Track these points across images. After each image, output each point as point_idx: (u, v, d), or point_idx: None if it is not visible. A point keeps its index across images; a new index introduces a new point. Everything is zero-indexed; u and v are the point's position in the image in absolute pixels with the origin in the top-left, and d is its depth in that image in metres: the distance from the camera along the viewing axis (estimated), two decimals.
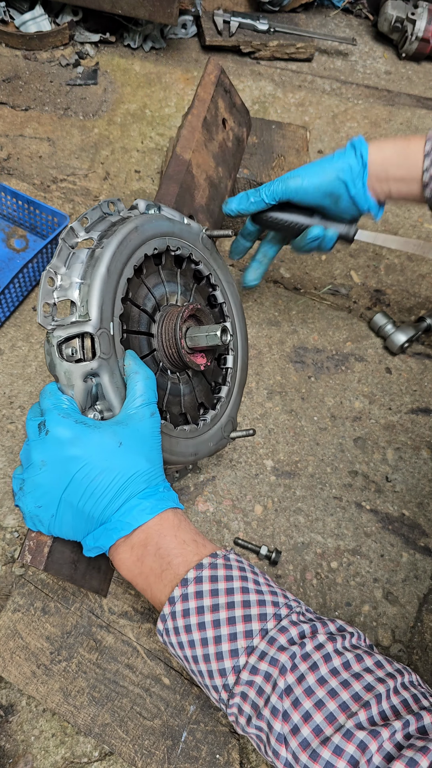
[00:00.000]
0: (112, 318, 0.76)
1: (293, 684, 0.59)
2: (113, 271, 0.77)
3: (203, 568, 0.68)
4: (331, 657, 0.61)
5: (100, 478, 0.69)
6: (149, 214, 0.88)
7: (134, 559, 0.71)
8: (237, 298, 1.04)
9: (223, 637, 0.65)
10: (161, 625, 0.68)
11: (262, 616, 0.65)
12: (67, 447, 0.69)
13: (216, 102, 1.25)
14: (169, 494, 0.74)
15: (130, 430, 0.72)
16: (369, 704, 0.57)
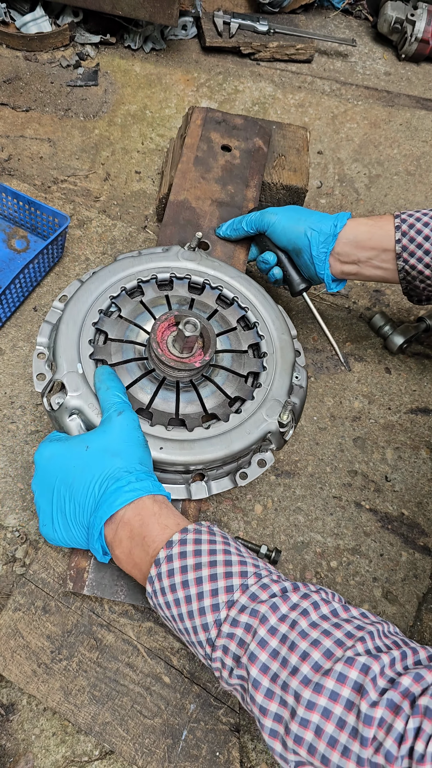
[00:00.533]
0: (79, 360, 0.90)
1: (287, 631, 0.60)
2: (71, 322, 0.94)
3: (188, 532, 0.71)
4: (319, 605, 0.62)
5: (74, 483, 0.75)
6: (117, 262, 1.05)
7: (126, 553, 0.73)
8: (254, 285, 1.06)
9: (205, 593, 0.66)
10: (149, 587, 0.70)
11: (243, 573, 0.67)
12: (46, 466, 0.78)
13: (208, 138, 1.34)
14: (142, 484, 0.74)
15: (96, 434, 0.79)
16: (364, 639, 0.58)
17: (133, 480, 0.74)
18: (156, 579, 0.69)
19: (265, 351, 0.97)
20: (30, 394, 1.16)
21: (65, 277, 1.33)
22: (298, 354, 1.02)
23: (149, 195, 1.55)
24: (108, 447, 0.76)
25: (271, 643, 0.60)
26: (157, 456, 0.85)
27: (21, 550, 1.00)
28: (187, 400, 0.94)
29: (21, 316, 1.26)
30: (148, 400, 0.93)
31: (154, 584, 0.69)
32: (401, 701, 0.52)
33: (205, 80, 1.88)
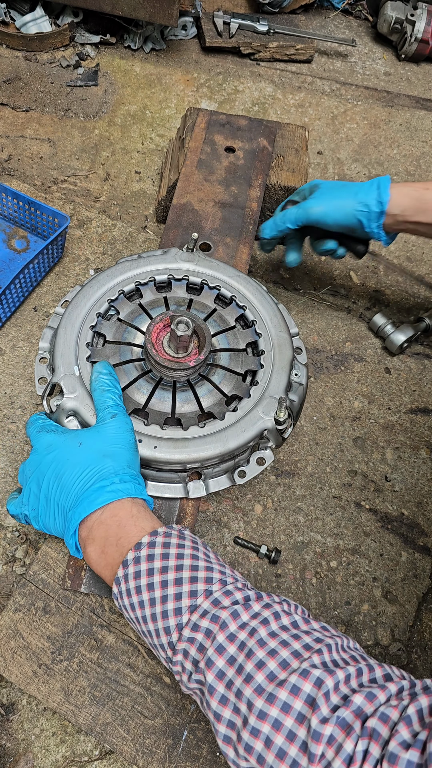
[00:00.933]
0: (76, 363, 0.92)
1: (245, 639, 0.60)
2: (70, 326, 0.96)
3: (158, 535, 0.71)
4: (280, 615, 0.62)
5: (64, 474, 0.76)
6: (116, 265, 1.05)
7: (98, 552, 0.73)
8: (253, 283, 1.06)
9: (170, 597, 0.66)
10: (116, 588, 0.70)
11: (208, 579, 0.67)
12: (43, 453, 0.79)
13: (212, 140, 1.35)
14: (125, 486, 0.75)
15: (90, 432, 0.80)
16: (321, 651, 0.58)
17: (116, 481, 0.75)
18: (123, 580, 0.69)
19: (263, 349, 0.97)
20: (30, 395, 1.16)
21: (65, 277, 1.33)
22: (299, 351, 1.02)
23: (149, 195, 1.55)
24: (99, 447, 0.78)
25: (229, 649, 0.60)
26: (152, 455, 0.85)
27: (21, 550, 1.00)
28: (183, 399, 0.94)
29: (21, 316, 1.26)
30: (145, 400, 0.93)
31: (120, 585, 0.69)
32: (353, 720, 0.52)
33: (205, 80, 1.88)
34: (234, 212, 1.23)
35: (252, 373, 0.98)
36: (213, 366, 0.98)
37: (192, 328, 0.89)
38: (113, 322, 1.01)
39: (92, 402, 0.88)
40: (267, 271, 1.43)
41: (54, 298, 1.30)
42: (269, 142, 1.37)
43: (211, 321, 1.03)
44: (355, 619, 0.99)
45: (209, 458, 0.87)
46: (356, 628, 0.99)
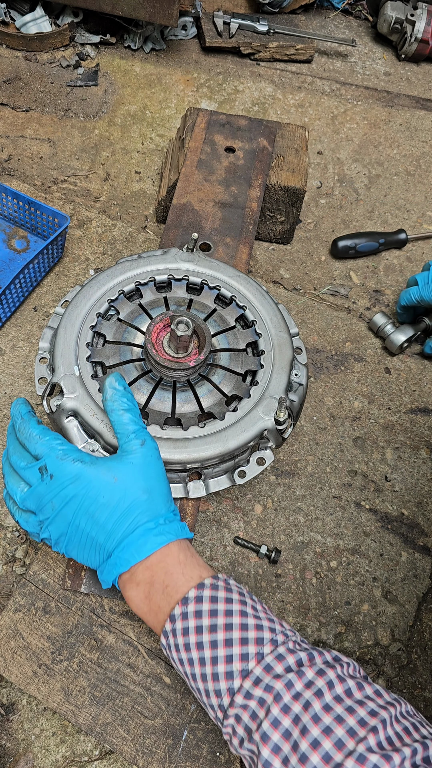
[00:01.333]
0: (76, 363, 0.92)
1: (300, 712, 0.59)
2: (70, 326, 0.96)
3: (204, 588, 0.69)
4: (334, 684, 0.61)
5: (100, 512, 0.73)
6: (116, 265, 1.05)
7: (142, 596, 0.72)
8: (253, 283, 1.06)
9: (219, 659, 0.65)
10: (164, 640, 0.70)
11: (258, 640, 0.66)
12: (69, 487, 0.73)
13: (212, 140, 1.35)
14: (170, 527, 0.74)
15: (123, 464, 0.75)
16: (376, 729, 0.56)
17: (161, 522, 0.74)
18: (171, 634, 0.69)
19: (263, 349, 0.97)
20: (30, 395, 1.16)
21: (65, 277, 1.33)
22: (299, 351, 1.02)
23: (149, 195, 1.55)
24: (136, 482, 0.74)
25: (284, 722, 0.59)
26: None
27: (21, 550, 1.00)
28: (183, 399, 0.94)
29: (21, 316, 1.26)
30: (145, 400, 0.93)
31: (168, 638, 0.69)
32: None
33: (205, 80, 1.88)
34: (234, 212, 1.23)
35: (252, 373, 0.98)
36: (213, 366, 0.98)
37: (192, 328, 0.89)
38: (113, 322, 1.01)
39: (92, 402, 0.88)
40: (267, 271, 1.43)
41: (54, 298, 1.30)
42: (269, 142, 1.37)
43: (211, 321, 1.03)
44: (355, 619, 0.99)
45: (209, 458, 0.87)
46: (356, 628, 0.99)
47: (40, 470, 0.75)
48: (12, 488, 0.77)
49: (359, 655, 0.97)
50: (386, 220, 1.57)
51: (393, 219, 1.57)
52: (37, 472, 0.75)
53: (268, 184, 1.34)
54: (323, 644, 0.97)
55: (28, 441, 0.77)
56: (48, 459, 0.75)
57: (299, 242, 1.50)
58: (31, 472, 0.76)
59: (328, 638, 0.97)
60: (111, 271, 1.04)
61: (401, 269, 1.46)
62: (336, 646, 0.97)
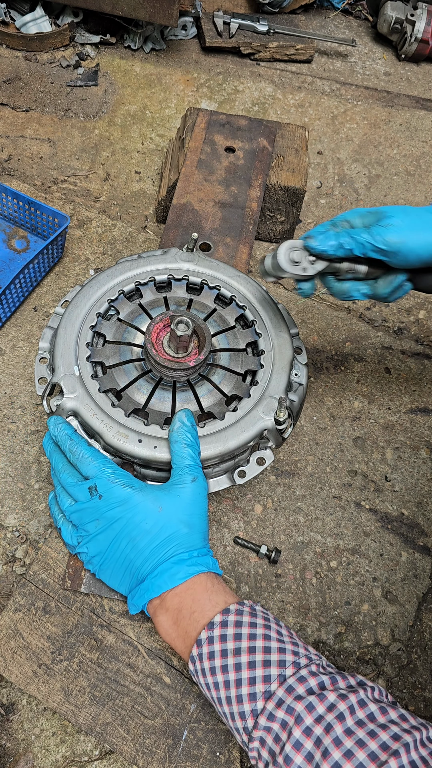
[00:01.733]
0: (76, 363, 0.92)
1: (321, 735, 0.59)
2: (69, 326, 0.96)
3: (230, 614, 0.71)
4: (356, 709, 0.61)
5: (141, 538, 0.76)
6: (116, 265, 1.05)
7: (170, 622, 0.75)
8: (253, 283, 1.06)
9: (243, 681, 0.66)
10: (191, 666, 0.72)
11: (281, 662, 0.66)
12: (116, 509, 0.77)
13: (212, 140, 1.35)
14: (203, 560, 0.77)
15: (170, 496, 0.79)
16: (398, 753, 0.56)
17: (195, 555, 0.77)
18: (197, 659, 0.71)
19: (263, 349, 0.97)
20: (30, 395, 1.16)
21: (65, 277, 1.33)
22: (299, 351, 1.02)
23: (149, 195, 1.55)
24: (180, 515, 0.78)
25: (306, 745, 0.60)
26: (152, 455, 0.85)
27: (21, 550, 1.00)
28: (183, 399, 0.94)
29: (21, 316, 1.26)
30: (144, 400, 0.93)
31: (195, 664, 0.71)
32: None
33: (205, 80, 1.88)
34: (234, 212, 1.23)
35: (252, 373, 0.98)
36: (213, 366, 0.98)
37: (192, 328, 0.89)
38: (113, 322, 1.01)
39: (92, 402, 0.88)
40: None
41: (54, 298, 1.30)
42: (269, 142, 1.37)
43: (211, 321, 1.03)
44: (355, 619, 0.99)
45: (209, 458, 0.87)
46: (356, 628, 0.99)
47: (89, 490, 0.80)
48: (63, 500, 0.83)
49: (359, 655, 0.97)
50: None
51: None
52: (87, 491, 0.80)
53: (268, 184, 1.34)
54: (323, 644, 0.97)
55: (81, 462, 0.82)
56: (99, 480, 0.79)
57: None
58: (80, 490, 0.80)
59: (328, 638, 0.97)
60: (111, 271, 1.03)
61: None
62: (336, 646, 0.97)
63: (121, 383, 0.94)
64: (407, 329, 1.35)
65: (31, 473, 1.07)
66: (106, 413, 0.88)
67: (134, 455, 0.86)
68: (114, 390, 0.94)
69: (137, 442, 0.86)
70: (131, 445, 0.86)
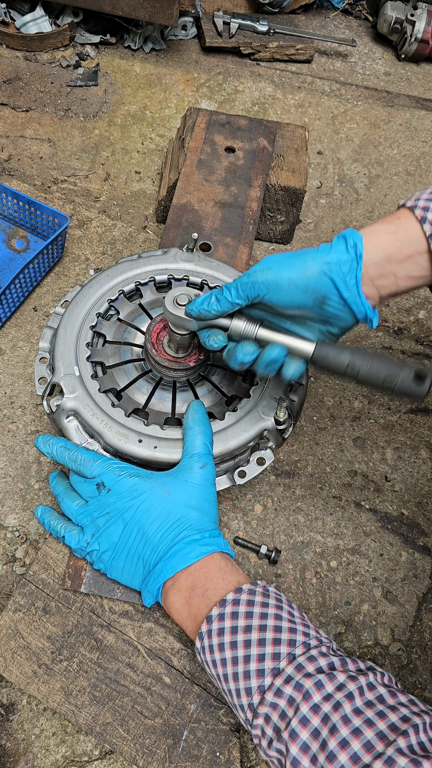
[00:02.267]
0: (76, 363, 0.92)
1: (329, 712, 0.59)
2: (70, 327, 0.95)
3: (242, 592, 0.71)
4: (365, 690, 0.60)
5: (151, 524, 0.77)
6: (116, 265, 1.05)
7: (183, 602, 0.74)
8: None
9: (252, 657, 0.66)
10: (198, 643, 0.71)
11: (291, 641, 0.66)
12: (125, 498, 0.78)
13: (212, 140, 1.36)
14: (215, 540, 0.77)
15: (178, 481, 0.80)
16: (407, 733, 0.55)
17: (207, 536, 0.77)
18: (206, 635, 0.70)
19: None
20: (30, 394, 1.16)
21: (65, 277, 1.33)
22: None
23: (149, 195, 1.55)
24: (189, 500, 0.78)
25: (313, 721, 0.59)
26: (152, 455, 0.85)
27: (21, 549, 1.00)
28: (183, 399, 0.94)
29: (21, 316, 1.26)
30: (145, 400, 0.93)
31: (203, 640, 0.70)
32: None
33: (205, 80, 1.88)
34: (234, 212, 1.23)
35: (252, 374, 0.98)
36: (213, 366, 0.98)
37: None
38: (113, 322, 1.01)
39: (92, 402, 0.88)
40: None
41: (54, 298, 1.30)
42: (269, 142, 1.37)
43: None
44: (355, 619, 0.99)
45: None
46: (356, 628, 0.99)
47: (97, 486, 0.80)
48: (67, 505, 0.83)
49: (359, 655, 0.97)
50: None
51: None
52: (95, 488, 0.81)
53: (268, 184, 1.34)
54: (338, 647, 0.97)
55: (84, 466, 0.82)
56: (105, 476, 0.80)
57: (299, 242, 1.50)
58: (88, 487, 0.81)
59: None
60: (111, 271, 1.04)
61: None
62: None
63: (121, 383, 0.94)
64: (407, 329, 1.35)
65: (31, 473, 1.07)
66: (106, 413, 0.88)
67: (134, 455, 0.86)
68: (114, 390, 0.94)
69: (137, 442, 0.86)
70: (131, 446, 0.86)
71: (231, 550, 0.79)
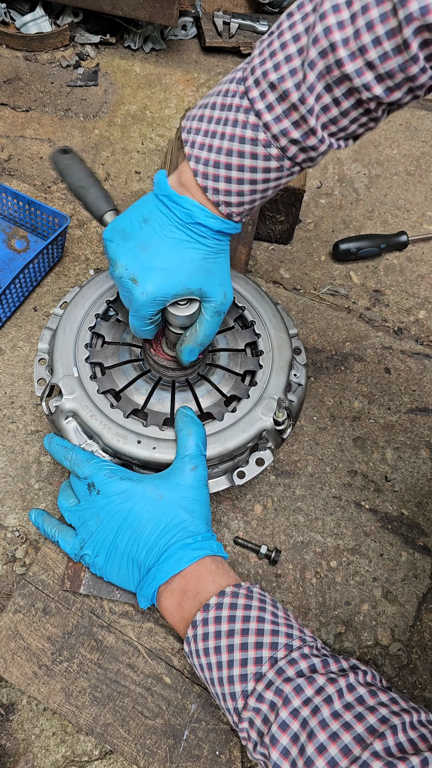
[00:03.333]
0: (75, 364, 0.92)
1: (308, 716, 0.59)
2: (68, 327, 0.95)
3: (225, 596, 0.71)
4: (344, 692, 0.60)
5: (143, 527, 0.77)
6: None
7: (175, 605, 0.75)
8: (251, 284, 1.06)
9: (235, 662, 0.66)
10: (186, 647, 0.72)
11: (273, 644, 0.66)
12: (116, 502, 0.78)
13: None
14: (208, 543, 0.77)
15: (170, 483, 0.79)
16: (384, 735, 0.56)
17: (199, 539, 0.77)
18: (192, 640, 0.71)
19: (262, 349, 0.97)
20: (30, 395, 1.16)
21: (65, 277, 1.33)
22: (298, 352, 1.02)
23: None
24: (181, 502, 0.78)
25: (293, 726, 0.59)
26: (150, 456, 0.85)
27: (21, 550, 1.00)
28: (182, 399, 0.94)
29: (21, 316, 1.26)
30: (143, 401, 0.93)
31: (190, 645, 0.71)
32: None
33: (205, 80, 1.88)
34: None
35: (251, 374, 0.98)
36: (212, 366, 0.98)
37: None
38: (112, 323, 1.01)
39: (91, 403, 0.88)
40: (267, 271, 1.43)
41: (54, 298, 1.30)
42: None
43: None
44: (355, 619, 0.99)
45: (208, 459, 0.87)
46: (356, 628, 0.99)
47: (88, 486, 0.80)
48: (60, 502, 0.84)
49: (359, 655, 0.97)
50: (386, 220, 1.56)
51: (393, 219, 1.57)
52: (86, 489, 0.81)
53: None
54: (323, 644, 0.97)
55: (77, 465, 0.83)
56: (95, 477, 0.80)
57: (299, 242, 1.50)
58: (81, 487, 0.81)
59: (328, 638, 0.97)
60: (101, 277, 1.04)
61: (401, 269, 1.46)
62: (336, 646, 0.97)
63: (119, 384, 0.94)
64: (407, 329, 1.35)
65: (31, 473, 1.07)
66: (105, 414, 0.88)
67: (133, 456, 0.86)
68: (113, 391, 0.94)
69: (136, 443, 0.86)
70: (130, 446, 0.86)
71: (224, 551, 0.79)
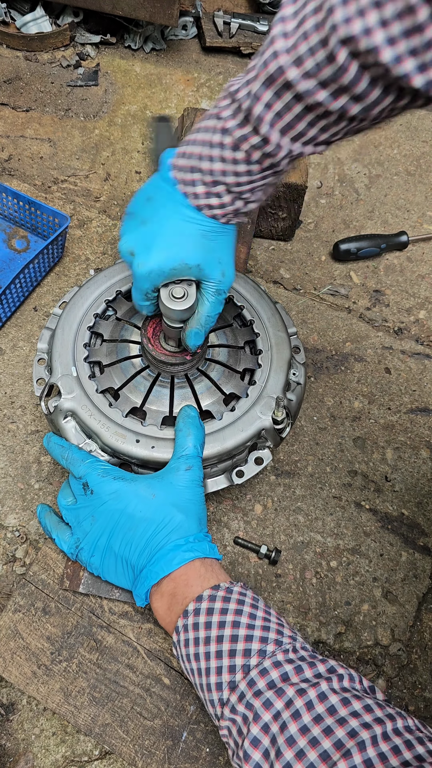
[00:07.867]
0: (74, 363, 0.92)
1: (277, 733, 0.58)
2: (67, 327, 0.96)
3: (202, 600, 0.71)
4: (314, 704, 0.59)
5: (135, 527, 0.77)
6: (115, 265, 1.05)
7: (165, 608, 0.75)
8: (251, 283, 1.06)
9: (211, 670, 0.67)
10: (175, 651, 0.73)
11: (246, 651, 0.66)
12: (110, 502, 0.78)
13: None
14: (199, 545, 0.77)
15: (164, 483, 0.79)
16: (350, 753, 0.54)
17: (191, 540, 0.77)
18: (177, 646, 0.72)
19: (261, 348, 0.97)
20: (30, 394, 1.16)
21: (65, 277, 1.33)
22: (297, 351, 1.02)
23: None
24: (174, 502, 0.78)
25: (264, 742, 0.59)
26: (149, 455, 0.85)
27: (21, 549, 1.00)
28: (182, 397, 0.94)
29: (21, 316, 1.26)
30: (142, 399, 0.93)
31: (175, 650, 0.73)
32: None
33: (205, 80, 1.88)
34: None
35: (250, 372, 0.98)
36: (211, 362, 0.98)
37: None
38: (111, 322, 1.01)
39: (90, 403, 0.88)
40: (267, 271, 1.43)
41: (54, 298, 1.30)
42: None
43: None
44: (355, 619, 0.99)
45: (207, 458, 0.87)
46: (356, 628, 0.98)
47: (83, 486, 0.81)
48: (59, 499, 0.85)
49: (359, 655, 0.97)
50: (386, 220, 1.56)
51: (393, 219, 1.57)
52: (81, 488, 0.81)
53: None
54: (323, 644, 0.97)
55: (72, 464, 0.83)
56: (89, 477, 0.80)
57: (299, 242, 1.50)
58: (77, 486, 0.82)
59: (328, 638, 0.97)
60: (109, 272, 1.04)
61: (402, 269, 1.46)
62: (336, 646, 0.97)
63: (118, 381, 0.94)
64: (407, 329, 1.35)
65: (31, 473, 1.07)
66: (103, 413, 0.88)
67: (132, 455, 0.86)
68: (111, 389, 0.94)
69: (135, 442, 0.86)
70: (128, 446, 0.86)
71: (218, 553, 0.79)
